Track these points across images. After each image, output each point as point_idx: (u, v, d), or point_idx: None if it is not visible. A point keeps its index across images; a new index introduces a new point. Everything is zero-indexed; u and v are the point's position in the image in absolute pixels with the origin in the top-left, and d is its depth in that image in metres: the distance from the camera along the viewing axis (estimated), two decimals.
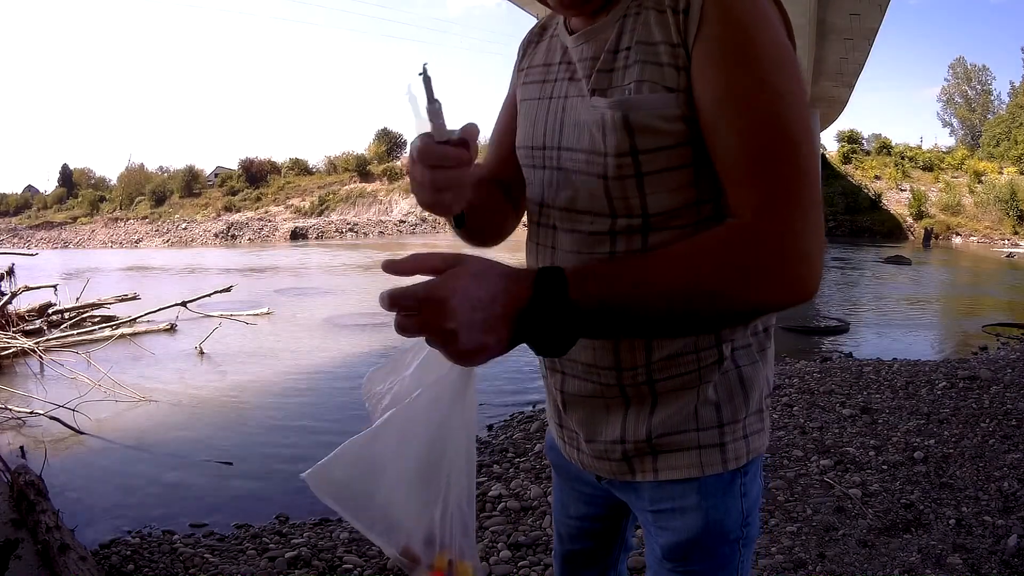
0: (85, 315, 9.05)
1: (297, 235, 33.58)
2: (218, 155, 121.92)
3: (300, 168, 41.33)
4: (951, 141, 46.46)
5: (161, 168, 44.28)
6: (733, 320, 0.80)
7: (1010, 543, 2.56)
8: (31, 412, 5.13)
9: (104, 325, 8.75)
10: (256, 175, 40.50)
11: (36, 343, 6.91)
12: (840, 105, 29.33)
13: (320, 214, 37.04)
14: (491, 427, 4.79)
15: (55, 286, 9.02)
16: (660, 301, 0.68)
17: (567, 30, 0.89)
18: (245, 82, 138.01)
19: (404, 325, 0.65)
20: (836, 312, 9.99)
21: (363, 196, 37.97)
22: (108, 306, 9.41)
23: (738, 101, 0.72)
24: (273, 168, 41.22)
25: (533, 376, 6.17)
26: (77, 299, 9.20)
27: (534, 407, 5.13)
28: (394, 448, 0.71)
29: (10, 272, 8.68)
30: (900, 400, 4.62)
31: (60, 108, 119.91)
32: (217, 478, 4.05)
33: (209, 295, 9.53)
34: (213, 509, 3.61)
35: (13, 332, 7.39)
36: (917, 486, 3.18)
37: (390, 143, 41.64)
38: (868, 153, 35.57)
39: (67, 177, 45.43)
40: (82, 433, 4.81)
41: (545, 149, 0.89)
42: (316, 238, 33.20)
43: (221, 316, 9.08)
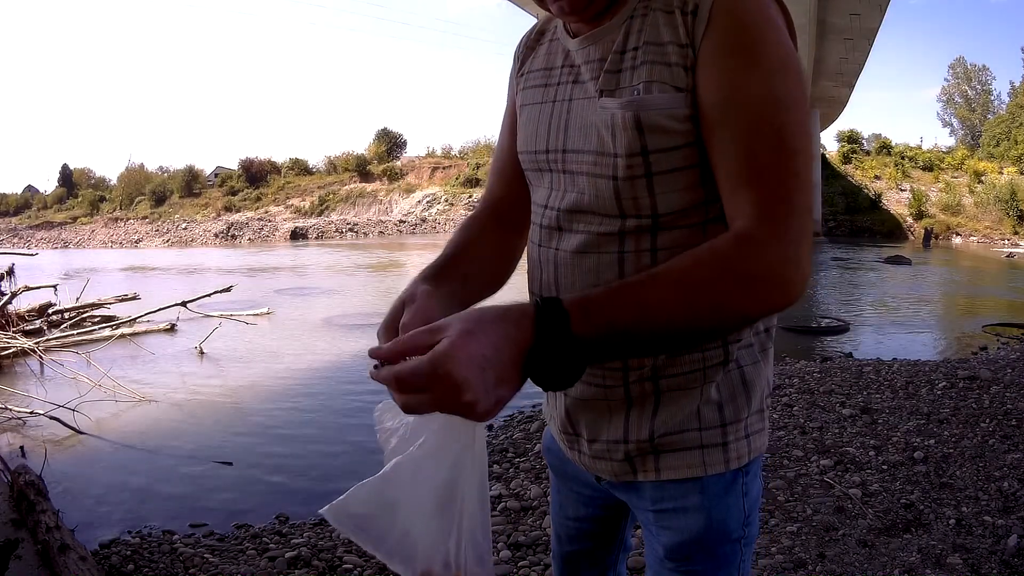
0: (85, 315, 9.06)
1: (297, 235, 33.58)
2: (218, 155, 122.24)
3: (300, 168, 41.33)
4: (951, 141, 46.57)
5: (161, 168, 44.41)
6: (732, 329, 0.81)
7: (1010, 543, 2.56)
8: (31, 412, 5.14)
9: (104, 325, 8.77)
10: (256, 175, 40.50)
11: (36, 343, 6.92)
12: (840, 105, 29.32)
13: (320, 214, 37.03)
14: (491, 427, 4.79)
15: (55, 286, 9.02)
16: (664, 322, 0.67)
17: (568, 34, 0.89)
18: (245, 82, 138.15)
19: (414, 406, 0.64)
20: (836, 312, 9.99)
21: (363, 196, 37.96)
22: (108, 306, 9.43)
23: (740, 107, 0.73)
24: (273, 168, 41.22)
25: None
26: (77, 299, 9.21)
27: (534, 407, 5.13)
28: (408, 489, 0.73)
29: (10, 272, 8.67)
30: (900, 400, 4.62)
31: (60, 108, 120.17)
32: (217, 478, 4.05)
33: (209, 295, 9.53)
34: (213, 509, 3.61)
35: (13, 332, 7.40)
36: (917, 486, 3.18)
37: (390, 143, 41.63)
38: (868, 153, 35.54)
39: (67, 177, 45.45)
40: (82, 433, 4.82)
41: (549, 152, 0.89)
42: (316, 238, 33.19)
43: (221, 316, 9.09)
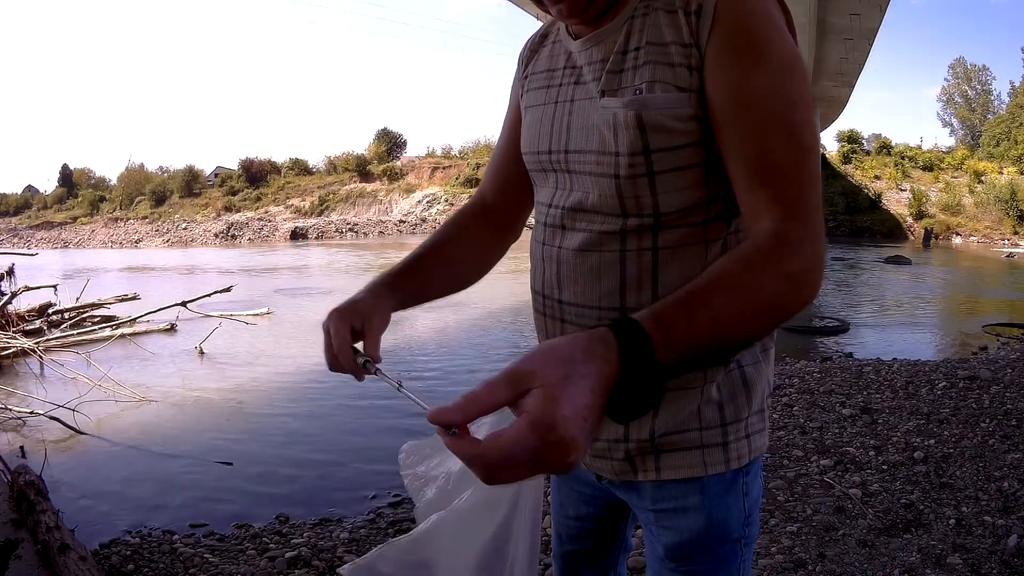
0: (85, 315, 9.06)
1: (297, 235, 33.57)
2: (218, 155, 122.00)
3: (300, 168, 41.30)
4: (951, 141, 46.49)
5: (161, 168, 44.34)
6: (779, 326, 0.78)
7: (1010, 543, 2.56)
8: (31, 412, 5.14)
9: (104, 325, 8.77)
10: (256, 175, 40.48)
11: (36, 343, 6.92)
12: (840, 105, 29.32)
13: (320, 214, 37.02)
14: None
15: (55, 286, 9.02)
16: (732, 331, 0.65)
17: (570, 36, 0.89)
18: (245, 82, 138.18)
19: (508, 477, 0.52)
20: (836, 312, 9.99)
21: (363, 196, 37.95)
22: (108, 306, 9.43)
23: (752, 104, 0.73)
24: (273, 168, 41.20)
25: None
26: (77, 299, 9.21)
27: None
28: (448, 549, 0.66)
29: (10, 272, 8.68)
30: (900, 400, 4.62)
31: (60, 108, 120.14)
32: (217, 478, 4.05)
33: (209, 295, 9.53)
34: (213, 509, 3.61)
35: (13, 332, 7.40)
36: (917, 486, 3.18)
37: (390, 143, 41.61)
38: (868, 153, 35.53)
39: (67, 177, 45.43)
40: (82, 433, 4.81)
41: (552, 153, 0.89)
42: (316, 238, 33.19)
43: (221, 316, 9.08)
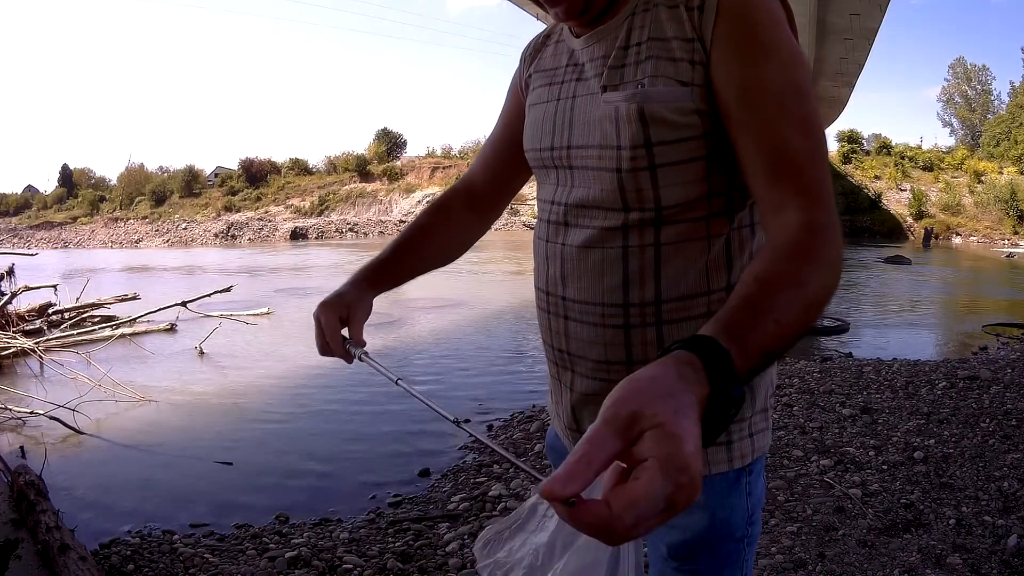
0: (85, 315, 9.06)
1: (297, 235, 33.57)
2: (218, 155, 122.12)
3: (300, 168, 41.31)
4: (951, 141, 46.46)
5: (161, 168, 44.34)
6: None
7: (1010, 543, 2.56)
8: (31, 412, 5.13)
9: (104, 325, 8.76)
10: (256, 175, 40.49)
11: (36, 343, 6.91)
12: (840, 105, 29.28)
13: (320, 214, 37.03)
14: (491, 427, 4.79)
15: (55, 286, 9.02)
16: (792, 330, 0.63)
17: (573, 34, 0.91)
18: (245, 82, 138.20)
19: (638, 533, 0.44)
20: (836, 312, 9.99)
21: (363, 196, 37.96)
22: (108, 306, 9.43)
23: (763, 95, 0.74)
24: (273, 168, 41.20)
25: (532, 376, 6.17)
26: (77, 299, 9.21)
27: (534, 407, 5.13)
28: None
29: (10, 272, 8.68)
30: (900, 400, 4.62)
31: (60, 108, 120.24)
32: (217, 478, 4.05)
33: (209, 295, 9.52)
34: (213, 509, 3.61)
35: (13, 332, 7.39)
36: (917, 486, 3.18)
37: (390, 143, 41.62)
38: (868, 153, 35.53)
39: (67, 177, 45.43)
40: (82, 433, 4.81)
41: (554, 149, 0.90)
42: (316, 238, 33.19)
43: (221, 316, 9.08)
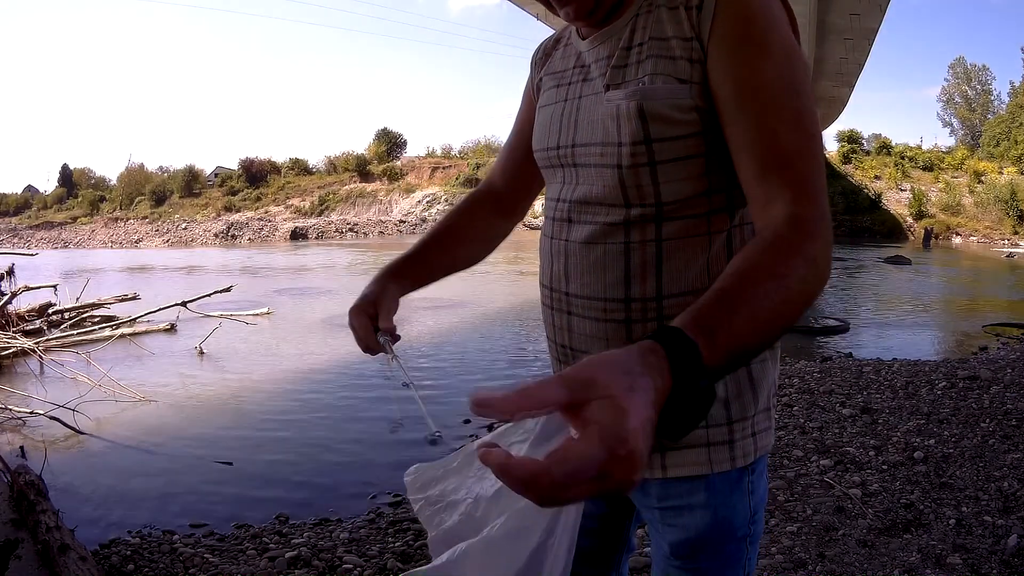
0: (85, 315, 9.06)
1: (297, 235, 33.59)
2: (218, 155, 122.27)
3: (300, 168, 41.33)
4: (951, 141, 46.47)
5: (161, 168, 44.36)
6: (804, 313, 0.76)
7: (1010, 543, 2.56)
8: (31, 412, 5.13)
9: (104, 325, 8.76)
10: (256, 175, 40.50)
11: (36, 343, 6.91)
12: (840, 105, 29.29)
13: (320, 214, 37.03)
14: (491, 427, 4.79)
15: (55, 286, 9.03)
16: (769, 324, 0.62)
17: (580, 37, 0.92)
18: (245, 82, 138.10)
19: (566, 498, 0.44)
20: (836, 312, 9.99)
21: (363, 196, 37.96)
22: (108, 306, 9.43)
23: (757, 92, 0.74)
24: (273, 168, 41.22)
25: (531, 376, 6.16)
26: (77, 299, 9.21)
27: None
28: None
29: (10, 272, 8.67)
30: (900, 400, 4.62)
31: (60, 108, 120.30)
32: (217, 478, 4.05)
33: (209, 295, 9.53)
34: (213, 509, 3.61)
35: (13, 332, 7.39)
36: (917, 486, 3.18)
37: (390, 143, 41.63)
38: (868, 153, 35.53)
39: (67, 177, 45.45)
40: (82, 433, 4.81)
41: (560, 148, 0.91)
42: (316, 238, 33.19)
43: (221, 316, 9.08)
